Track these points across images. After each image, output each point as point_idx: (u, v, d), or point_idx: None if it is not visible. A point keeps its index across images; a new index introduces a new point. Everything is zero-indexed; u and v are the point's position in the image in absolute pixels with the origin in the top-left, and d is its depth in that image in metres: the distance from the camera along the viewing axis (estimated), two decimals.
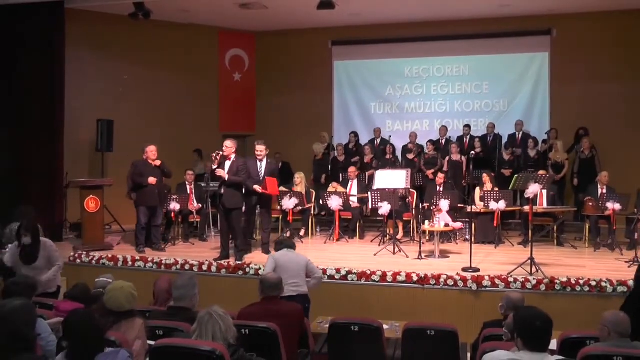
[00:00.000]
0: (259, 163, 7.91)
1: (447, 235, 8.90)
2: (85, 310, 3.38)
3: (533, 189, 6.71)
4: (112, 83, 10.84)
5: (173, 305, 4.15)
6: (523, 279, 6.28)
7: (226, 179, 7.36)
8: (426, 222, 8.07)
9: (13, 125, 9.46)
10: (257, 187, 7.75)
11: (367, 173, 10.40)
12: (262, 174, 7.86)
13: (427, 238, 8.90)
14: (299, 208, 9.27)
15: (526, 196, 6.95)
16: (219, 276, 7.19)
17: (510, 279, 6.32)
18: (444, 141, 10.92)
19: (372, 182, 9.39)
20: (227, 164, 7.47)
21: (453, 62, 11.90)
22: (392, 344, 4.66)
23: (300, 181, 9.68)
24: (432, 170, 10.00)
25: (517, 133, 10.71)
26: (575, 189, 10.06)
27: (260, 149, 7.92)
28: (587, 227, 8.67)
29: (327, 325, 4.51)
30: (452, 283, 6.42)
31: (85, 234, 8.51)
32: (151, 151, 8.18)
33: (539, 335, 2.91)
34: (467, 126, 11.13)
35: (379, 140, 11.29)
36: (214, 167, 7.47)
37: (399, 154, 10.94)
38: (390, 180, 8.46)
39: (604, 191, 8.59)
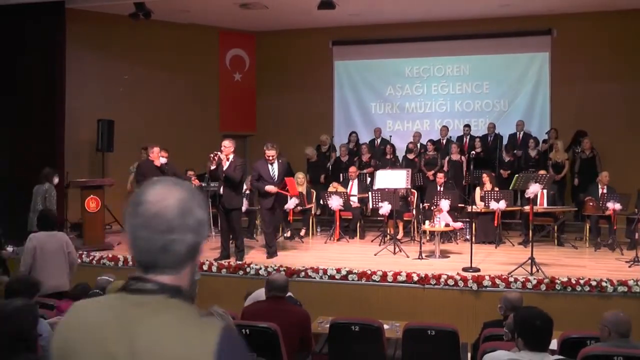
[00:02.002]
0: (269, 165, 7.86)
1: (447, 235, 8.90)
2: None
3: (533, 188, 6.72)
4: (113, 83, 10.84)
5: None
6: (523, 279, 6.28)
7: (225, 167, 7.35)
8: (426, 222, 8.07)
9: (13, 125, 9.46)
10: (269, 188, 7.67)
11: (365, 171, 10.41)
12: (276, 176, 7.84)
13: (428, 238, 8.90)
14: (300, 208, 9.27)
15: (526, 196, 6.96)
16: (219, 276, 7.20)
17: (511, 279, 6.32)
18: (444, 141, 10.92)
19: (372, 182, 9.39)
20: (226, 164, 7.47)
21: (453, 62, 11.90)
22: (392, 343, 4.66)
23: (302, 181, 9.69)
24: (432, 172, 10.01)
25: (517, 133, 10.72)
26: (575, 188, 10.06)
27: (271, 154, 7.75)
28: (588, 227, 8.68)
29: (328, 325, 4.52)
30: (453, 283, 6.42)
31: (86, 233, 8.51)
32: (152, 153, 8.17)
33: (539, 335, 2.92)
34: (467, 126, 11.13)
35: (379, 140, 11.29)
36: (212, 167, 7.47)
37: (400, 153, 10.92)
38: (390, 180, 8.46)
39: (605, 191, 8.59)
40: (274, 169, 7.84)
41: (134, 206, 1.31)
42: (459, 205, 9.02)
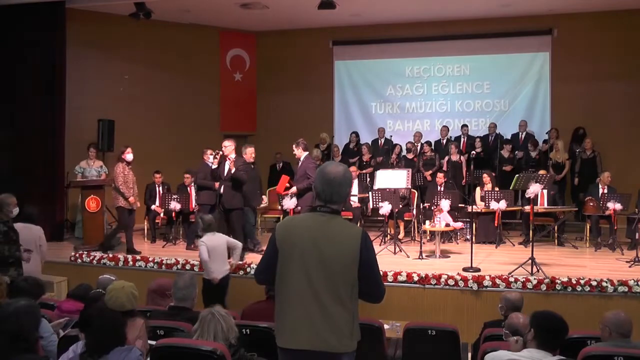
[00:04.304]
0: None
1: (447, 235, 8.90)
2: (106, 305, 3.39)
3: (534, 188, 6.71)
4: (113, 83, 10.85)
5: (174, 305, 4.16)
6: (524, 279, 6.27)
7: (233, 170, 7.35)
8: (427, 222, 8.07)
9: (13, 126, 9.47)
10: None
11: (365, 171, 10.42)
12: (297, 175, 7.89)
13: (428, 238, 8.91)
14: (300, 208, 9.25)
15: (527, 196, 6.95)
16: None
17: (511, 279, 6.31)
18: (444, 141, 10.92)
19: (372, 182, 9.39)
20: (227, 163, 7.47)
21: (454, 62, 11.90)
22: (392, 343, 4.65)
23: None
24: (430, 172, 10.02)
25: (520, 133, 10.71)
26: (576, 188, 10.06)
27: (294, 149, 7.92)
28: (588, 227, 8.67)
29: None
30: (453, 283, 6.42)
31: (86, 233, 8.52)
32: (246, 154, 8.17)
33: (558, 336, 2.99)
34: (465, 126, 11.15)
35: (382, 140, 11.28)
36: (214, 166, 7.47)
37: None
38: (390, 180, 8.46)
39: (605, 191, 8.59)
40: (300, 166, 7.89)
41: (322, 174, 2.67)
42: (459, 205, 9.01)
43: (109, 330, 2.95)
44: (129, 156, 7.99)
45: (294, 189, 7.69)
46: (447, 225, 8.00)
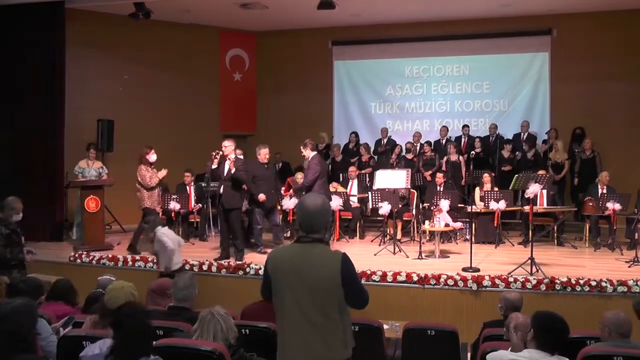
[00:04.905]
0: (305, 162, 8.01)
1: (447, 235, 8.90)
2: (141, 306, 3.32)
3: (533, 189, 6.71)
4: (113, 83, 10.84)
5: (173, 305, 4.16)
6: (523, 279, 6.27)
7: (232, 170, 7.36)
8: (426, 222, 8.07)
9: (13, 126, 9.47)
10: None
11: (364, 171, 10.43)
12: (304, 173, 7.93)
13: (428, 238, 8.91)
14: None
15: (526, 196, 6.95)
16: (219, 276, 7.19)
17: (511, 279, 6.32)
18: (444, 141, 10.92)
19: (372, 182, 9.40)
20: (227, 163, 7.48)
21: (453, 62, 11.89)
22: (392, 343, 4.66)
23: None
24: (430, 172, 10.03)
25: (522, 134, 10.69)
26: (575, 188, 10.06)
27: (302, 151, 7.96)
28: (587, 227, 8.67)
29: None
30: (452, 283, 6.42)
31: (86, 233, 8.51)
32: (260, 154, 8.11)
33: (558, 337, 2.99)
34: (466, 126, 11.14)
35: (385, 141, 11.28)
36: (214, 166, 7.47)
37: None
38: (390, 181, 8.46)
39: (604, 191, 8.59)
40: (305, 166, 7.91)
41: (301, 205, 2.92)
42: (459, 205, 9.01)
43: (138, 335, 2.85)
44: (152, 157, 7.93)
45: (292, 190, 7.71)
46: (447, 225, 8.00)
